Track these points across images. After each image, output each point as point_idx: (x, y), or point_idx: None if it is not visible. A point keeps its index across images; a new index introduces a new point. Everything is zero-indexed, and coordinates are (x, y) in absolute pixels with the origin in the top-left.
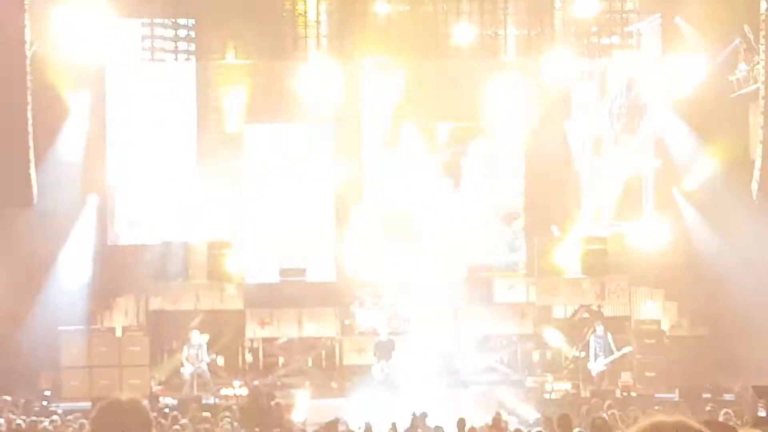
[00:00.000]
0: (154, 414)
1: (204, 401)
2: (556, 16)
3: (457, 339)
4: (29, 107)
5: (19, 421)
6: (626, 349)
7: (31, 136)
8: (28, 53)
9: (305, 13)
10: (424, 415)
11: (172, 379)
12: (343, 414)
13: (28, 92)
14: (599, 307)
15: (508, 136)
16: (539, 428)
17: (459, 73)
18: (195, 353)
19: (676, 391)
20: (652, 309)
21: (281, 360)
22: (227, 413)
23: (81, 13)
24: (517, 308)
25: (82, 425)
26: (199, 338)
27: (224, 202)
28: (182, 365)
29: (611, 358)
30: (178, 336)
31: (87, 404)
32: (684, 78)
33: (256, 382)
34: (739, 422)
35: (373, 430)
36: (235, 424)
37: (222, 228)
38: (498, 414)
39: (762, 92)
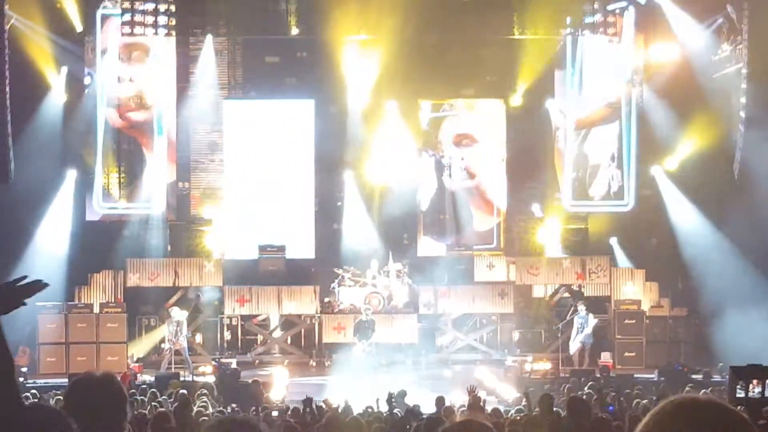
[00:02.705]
0: (132, 391)
1: (182, 378)
2: None
3: (437, 318)
4: (7, 81)
5: None
6: (594, 322)
7: (9, 111)
8: (7, 27)
9: None
10: (403, 393)
11: (149, 356)
12: (321, 394)
13: (6, 66)
14: (580, 287)
15: (490, 113)
16: (519, 407)
17: (442, 51)
18: (174, 330)
19: (656, 371)
20: (633, 289)
21: (260, 338)
22: (204, 390)
23: None
24: (497, 287)
25: (58, 401)
26: (178, 315)
27: (203, 178)
28: (162, 342)
29: (582, 334)
30: (156, 313)
31: (64, 380)
32: (666, 57)
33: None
34: None
35: (352, 407)
36: (212, 401)
37: (201, 203)
38: (476, 395)
39: (744, 72)
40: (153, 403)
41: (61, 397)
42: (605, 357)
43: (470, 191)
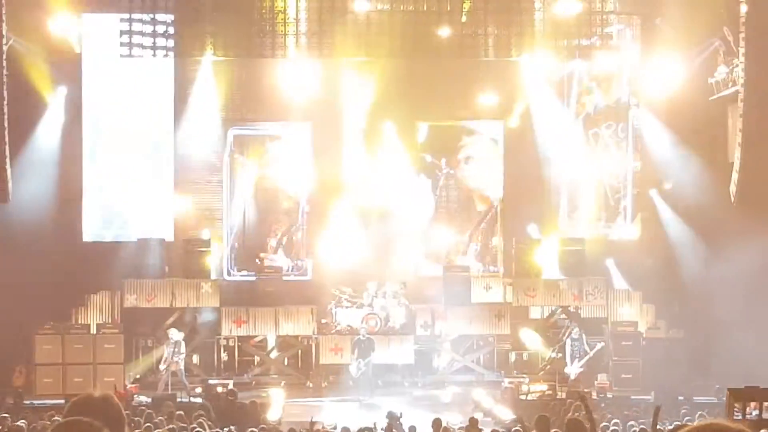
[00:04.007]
0: (128, 412)
1: (179, 399)
2: (536, 17)
3: (434, 339)
4: (5, 102)
5: None
6: (599, 346)
7: (6, 131)
8: (5, 48)
9: (285, 10)
10: (399, 415)
11: (146, 377)
12: (318, 415)
13: (4, 87)
14: (576, 308)
15: (488, 135)
16: (516, 428)
17: (439, 73)
18: (172, 351)
19: (652, 393)
20: (629, 311)
21: (257, 359)
22: (202, 412)
23: (57, 6)
24: (494, 309)
25: (55, 422)
26: (176, 336)
27: (201, 199)
28: (159, 363)
29: (586, 358)
30: (153, 334)
31: (60, 401)
32: (663, 80)
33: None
34: None
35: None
36: (209, 423)
37: (199, 225)
38: (473, 417)
39: (741, 95)
40: (147, 424)
41: (59, 419)
42: (602, 378)
43: (468, 213)
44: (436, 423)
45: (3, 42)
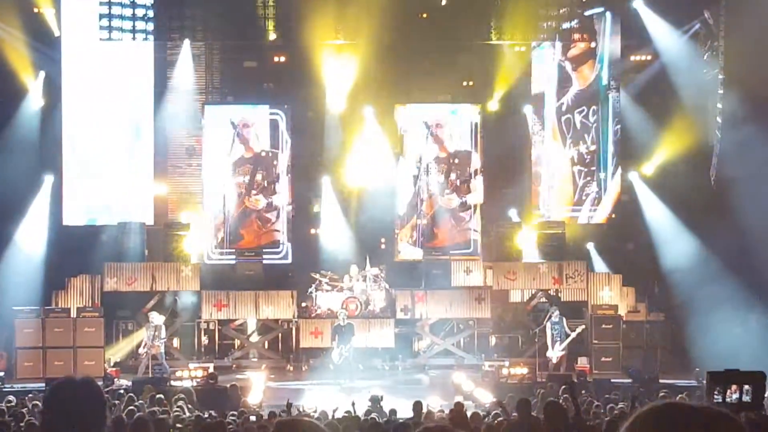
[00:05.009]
0: (108, 395)
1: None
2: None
3: (414, 322)
4: None
5: None
6: (580, 328)
7: None
8: None
9: None
10: (380, 398)
11: (126, 361)
12: (299, 399)
13: None
14: (556, 292)
15: (467, 119)
16: (496, 411)
17: (419, 57)
18: (152, 334)
19: (632, 376)
20: (609, 294)
21: (237, 342)
22: (183, 395)
23: None
24: (475, 292)
25: (35, 406)
26: (157, 319)
27: (180, 183)
28: (139, 346)
29: (567, 341)
30: (133, 317)
31: (41, 385)
32: (644, 62)
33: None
34: None
35: (328, 415)
36: (190, 406)
37: (179, 208)
38: (459, 402)
39: (721, 78)
40: (130, 408)
41: (40, 402)
42: (582, 362)
43: (447, 196)
44: (417, 406)
45: None
